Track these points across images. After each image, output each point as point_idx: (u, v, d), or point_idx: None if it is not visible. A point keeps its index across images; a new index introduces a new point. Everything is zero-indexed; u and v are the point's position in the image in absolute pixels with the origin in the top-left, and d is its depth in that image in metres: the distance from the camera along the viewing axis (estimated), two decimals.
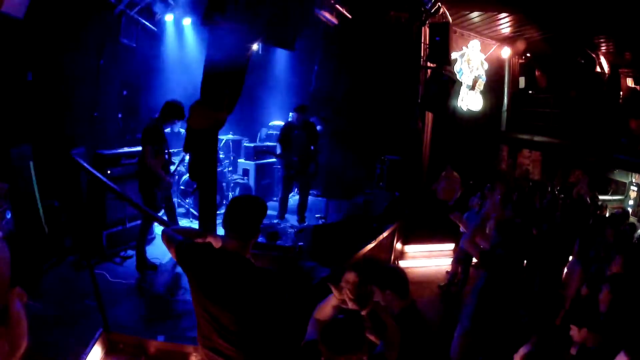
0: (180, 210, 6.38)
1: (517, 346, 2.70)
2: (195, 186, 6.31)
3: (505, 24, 9.54)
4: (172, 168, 5.34)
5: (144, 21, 6.52)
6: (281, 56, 7.79)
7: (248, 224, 2.06)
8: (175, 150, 5.81)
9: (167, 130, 4.96)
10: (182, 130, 5.29)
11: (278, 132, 6.63)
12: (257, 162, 7.60)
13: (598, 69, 10.41)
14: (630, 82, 10.56)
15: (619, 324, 2.71)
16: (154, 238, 5.37)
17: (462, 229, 5.65)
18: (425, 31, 8.37)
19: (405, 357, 2.39)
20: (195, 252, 2.12)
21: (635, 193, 10.49)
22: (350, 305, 2.16)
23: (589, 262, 4.73)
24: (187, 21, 6.99)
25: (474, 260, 4.60)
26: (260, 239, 5.42)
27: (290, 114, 6.34)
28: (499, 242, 3.75)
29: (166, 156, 4.95)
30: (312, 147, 6.39)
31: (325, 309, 2.26)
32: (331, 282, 2.25)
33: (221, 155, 6.81)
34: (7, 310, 1.57)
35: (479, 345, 3.77)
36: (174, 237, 2.20)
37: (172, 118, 4.78)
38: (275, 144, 7.04)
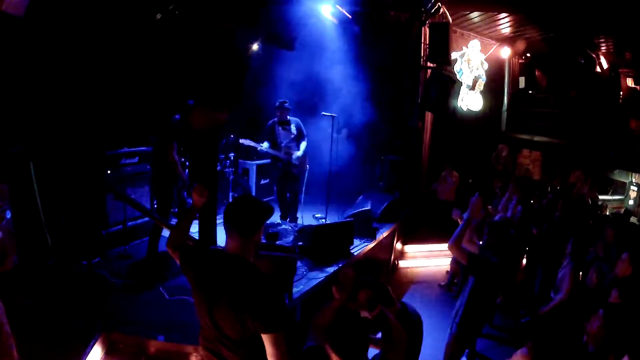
0: None
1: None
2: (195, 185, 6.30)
3: (505, 24, 9.54)
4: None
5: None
6: (281, 56, 7.78)
7: (247, 221, 2.01)
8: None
9: None
10: None
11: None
12: (258, 162, 7.59)
13: (598, 69, 10.42)
14: (630, 82, 10.57)
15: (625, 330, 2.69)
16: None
17: None
18: (425, 31, 8.37)
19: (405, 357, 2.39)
20: (198, 257, 2.12)
21: (635, 193, 10.50)
22: (360, 308, 2.17)
23: (588, 263, 4.72)
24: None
25: None
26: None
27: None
28: (491, 244, 3.62)
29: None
30: (299, 143, 6.34)
31: (326, 313, 2.26)
32: (334, 284, 2.25)
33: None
34: None
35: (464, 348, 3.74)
36: (178, 243, 2.21)
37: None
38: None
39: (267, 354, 1.93)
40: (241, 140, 6.42)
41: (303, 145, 6.40)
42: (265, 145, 6.25)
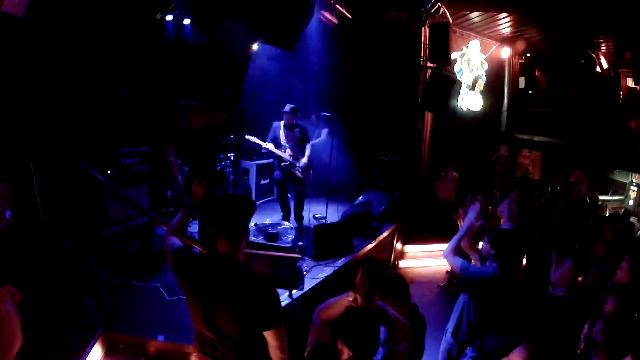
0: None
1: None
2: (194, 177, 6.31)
3: (505, 24, 9.54)
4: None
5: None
6: (281, 56, 7.80)
7: (235, 224, 2.03)
8: None
9: None
10: None
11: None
12: (258, 162, 7.59)
13: (598, 69, 10.41)
14: (630, 82, 10.56)
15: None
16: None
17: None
18: (425, 31, 8.38)
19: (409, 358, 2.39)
20: (189, 260, 2.12)
21: (635, 193, 10.49)
22: (360, 302, 2.16)
23: (588, 263, 4.72)
24: (186, 21, 6.98)
25: (473, 260, 4.53)
26: (260, 240, 5.42)
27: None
28: (493, 254, 3.38)
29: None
30: (303, 148, 6.29)
31: (335, 310, 2.25)
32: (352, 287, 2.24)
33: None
34: None
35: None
36: (173, 244, 2.22)
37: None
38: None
39: (270, 346, 1.99)
40: (247, 136, 6.37)
41: (308, 149, 6.32)
42: (270, 144, 6.25)
